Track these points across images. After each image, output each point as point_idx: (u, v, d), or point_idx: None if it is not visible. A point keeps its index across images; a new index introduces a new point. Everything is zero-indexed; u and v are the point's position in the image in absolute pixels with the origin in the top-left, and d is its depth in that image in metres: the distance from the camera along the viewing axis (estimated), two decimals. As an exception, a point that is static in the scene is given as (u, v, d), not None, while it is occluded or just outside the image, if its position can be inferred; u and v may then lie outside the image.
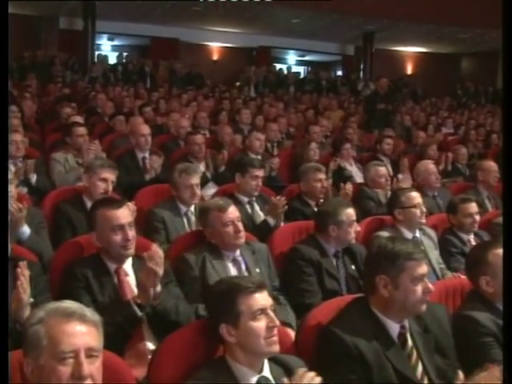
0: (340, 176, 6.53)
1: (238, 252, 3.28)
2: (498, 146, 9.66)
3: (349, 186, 4.65)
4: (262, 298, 2.15)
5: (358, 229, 3.65)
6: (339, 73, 19.61)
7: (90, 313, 1.82)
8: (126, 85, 14.54)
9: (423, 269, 2.33)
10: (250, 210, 4.45)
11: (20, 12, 16.14)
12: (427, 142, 7.50)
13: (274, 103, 11.71)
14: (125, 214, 2.95)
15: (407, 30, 16.84)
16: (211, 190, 5.56)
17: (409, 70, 19.77)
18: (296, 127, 9.46)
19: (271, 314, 2.14)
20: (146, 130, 5.84)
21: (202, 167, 5.92)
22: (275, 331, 2.13)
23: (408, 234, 3.93)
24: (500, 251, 2.76)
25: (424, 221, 3.98)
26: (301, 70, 19.89)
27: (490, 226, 4.52)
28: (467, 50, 19.22)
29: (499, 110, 15.61)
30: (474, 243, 4.13)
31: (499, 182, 5.98)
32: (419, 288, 2.31)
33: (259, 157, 6.26)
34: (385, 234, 3.85)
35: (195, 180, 4.14)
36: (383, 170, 5.17)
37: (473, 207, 4.23)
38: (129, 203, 3.51)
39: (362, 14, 15.31)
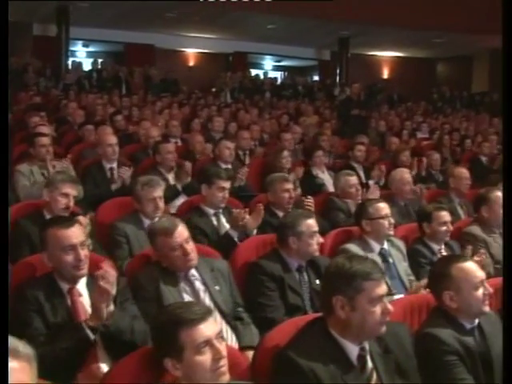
0: (312, 184, 6.50)
1: (192, 271, 3.17)
2: (471, 150, 9.70)
3: (309, 201, 4.52)
4: (207, 329, 2.05)
5: (321, 240, 3.56)
6: (316, 78, 19.57)
7: (22, 347, 1.70)
8: (101, 92, 14.42)
9: (382, 289, 2.25)
10: (215, 222, 4.36)
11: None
12: (400, 148, 7.47)
13: (249, 109, 11.64)
14: (76, 233, 2.83)
15: (382, 34, 16.83)
16: (180, 200, 5.48)
17: (385, 74, 19.80)
18: (270, 134, 9.40)
19: (217, 344, 2.04)
20: (112, 139, 5.73)
21: (171, 178, 5.85)
22: (222, 362, 2.03)
23: (376, 246, 3.86)
24: (463, 265, 2.70)
25: (392, 232, 3.90)
26: (278, 75, 19.84)
27: (460, 235, 4.46)
28: (442, 55, 19.32)
29: (473, 114, 15.79)
30: (444, 253, 4.08)
31: (471, 188, 5.98)
32: (378, 309, 2.23)
33: (229, 166, 6.19)
34: (352, 246, 3.78)
35: (158, 193, 4.04)
36: (353, 179, 5.08)
37: (447, 215, 4.18)
38: (80, 217, 3.40)
39: (337, 19, 15.31)
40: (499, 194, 4.41)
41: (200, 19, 15.61)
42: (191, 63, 18.54)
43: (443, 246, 4.15)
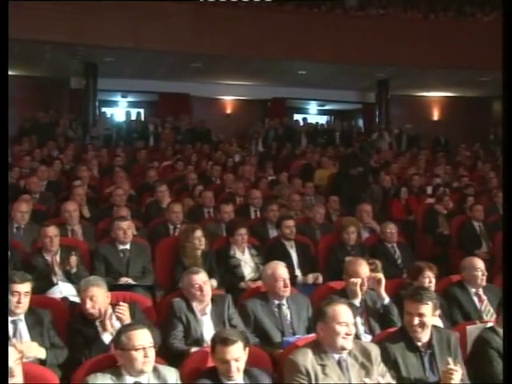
0: (226, 265, 5.93)
1: None
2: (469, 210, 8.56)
3: (121, 308, 3.84)
4: None
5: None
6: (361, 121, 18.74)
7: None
8: (129, 144, 14.40)
9: None
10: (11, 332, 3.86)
11: (32, 74, 16.45)
12: (345, 223, 6.58)
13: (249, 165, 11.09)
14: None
15: (421, 76, 15.95)
16: (57, 294, 5.08)
17: (435, 115, 18.64)
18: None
19: None
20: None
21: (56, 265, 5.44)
22: None
23: (130, 379, 3.18)
24: None
25: (148, 368, 3.19)
26: (324, 119, 19.16)
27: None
28: (495, 93, 17.94)
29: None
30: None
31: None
32: None
33: (127, 246, 5.74)
34: (99, 377, 3.14)
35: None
36: (198, 277, 4.31)
37: (232, 351, 3.26)
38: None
39: (365, 63, 14.66)
40: (337, 307, 3.56)
41: (227, 68, 15.38)
42: (229, 111, 18.26)
43: (240, 379, 3.31)
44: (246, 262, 5.96)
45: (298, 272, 6.18)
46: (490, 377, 3.83)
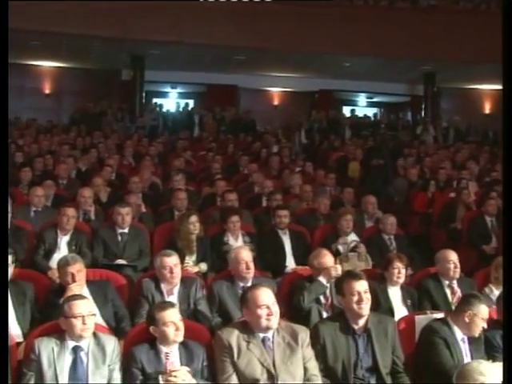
0: (218, 250, 6.19)
1: None
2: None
3: None
4: None
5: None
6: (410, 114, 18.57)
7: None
8: (174, 134, 14.84)
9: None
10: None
11: (83, 66, 17.18)
12: (342, 212, 6.73)
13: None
14: None
15: (471, 69, 15.63)
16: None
17: (486, 108, 18.22)
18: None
19: None
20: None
21: (64, 241, 5.86)
22: None
23: (71, 343, 3.52)
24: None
25: (87, 334, 3.50)
26: (372, 111, 19.07)
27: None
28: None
29: None
30: (172, 357, 3.62)
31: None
32: None
33: (125, 230, 6.09)
34: (48, 340, 3.51)
35: None
36: (170, 260, 4.55)
37: (171, 315, 3.62)
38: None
39: (409, 57, 14.54)
40: (256, 291, 3.66)
41: (270, 60, 15.57)
42: (276, 102, 18.46)
43: (175, 348, 3.61)
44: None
45: (291, 260, 6.35)
46: (436, 364, 3.90)
